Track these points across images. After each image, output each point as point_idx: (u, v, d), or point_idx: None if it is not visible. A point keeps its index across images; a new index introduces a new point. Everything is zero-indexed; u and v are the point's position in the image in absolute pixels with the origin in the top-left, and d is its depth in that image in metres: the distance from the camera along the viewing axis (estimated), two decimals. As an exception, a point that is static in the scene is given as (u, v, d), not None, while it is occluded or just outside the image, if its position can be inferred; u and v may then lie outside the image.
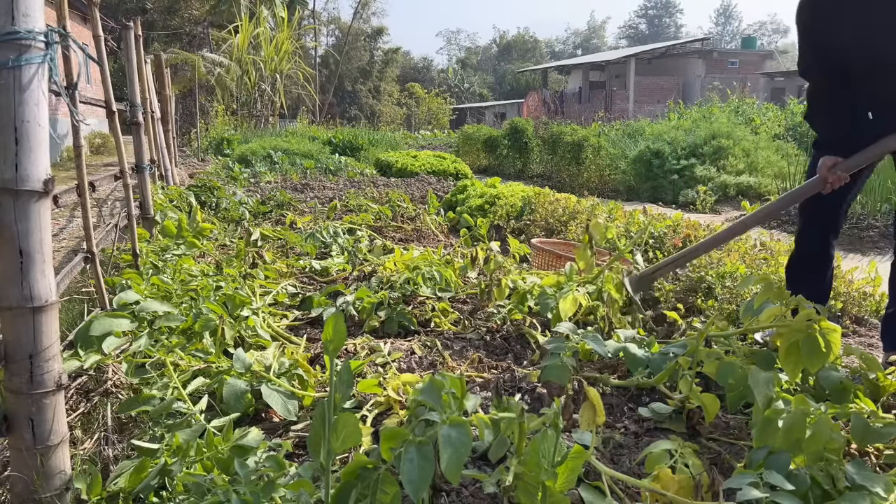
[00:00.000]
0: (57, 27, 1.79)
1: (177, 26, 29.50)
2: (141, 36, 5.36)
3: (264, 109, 26.01)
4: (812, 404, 1.64)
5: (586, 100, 33.51)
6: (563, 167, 12.82)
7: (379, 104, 45.37)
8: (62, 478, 1.58)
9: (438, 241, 5.52)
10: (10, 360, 1.49)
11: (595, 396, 1.60)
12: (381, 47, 48.64)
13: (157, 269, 3.53)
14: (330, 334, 1.36)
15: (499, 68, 71.62)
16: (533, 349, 2.79)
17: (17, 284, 1.45)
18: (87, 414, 2.07)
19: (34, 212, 1.46)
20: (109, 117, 3.50)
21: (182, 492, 1.54)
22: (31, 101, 1.43)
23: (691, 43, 37.24)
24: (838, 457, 1.59)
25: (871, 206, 7.04)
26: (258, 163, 12.72)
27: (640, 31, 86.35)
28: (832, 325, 1.92)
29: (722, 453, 1.89)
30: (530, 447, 1.33)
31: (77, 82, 2.67)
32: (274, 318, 3.13)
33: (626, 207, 5.94)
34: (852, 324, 3.30)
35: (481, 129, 17.98)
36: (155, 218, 4.66)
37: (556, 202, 5.80)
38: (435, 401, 1.36)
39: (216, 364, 2.29)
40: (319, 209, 6.93)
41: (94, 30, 3.54)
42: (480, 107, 49.95)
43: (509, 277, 3.43)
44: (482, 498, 1.64)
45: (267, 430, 2.06)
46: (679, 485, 1.50)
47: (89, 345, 2.26)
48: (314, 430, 1.34)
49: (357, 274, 4.05)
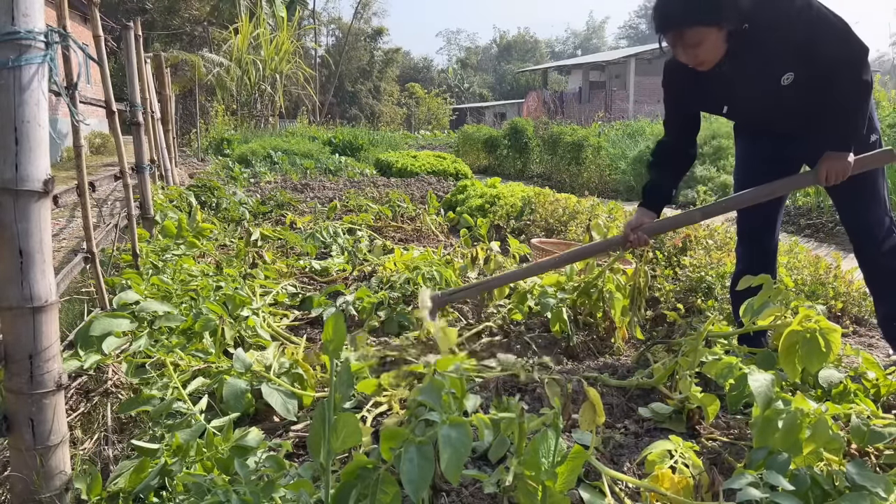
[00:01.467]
0: (57, 27, 1.79)
1: (177, 26, 29.49)
2: (141, 36, 5.36)
3: (264, 109, 26.01)
4: (812, 404, 1.64)
5: (586, 100, 33.49)
6: (563, 167, 12.82)
7: (379, 104, 45.36)
8: (62, 478, 1.58)
9: (438, 241, 5.52)
10: (10, 360, 1.49)
11: (595, 396, 1.60)
12: (381, 47, 48.62)
13: (157, 269, 3.53)
14: (330, 334, 1.36)
15: (499, 68, 71.62)
16: (534, 349, 2.79)
17: (17, 284, 1.45)
18: (87, 414, 2.07)
19: (34, 212, 1.46)
20: (109, 117, 3.50)
21: (182, 492, 1.54)
22: (31, 101, 1.43)
23: (691, 43, 37.12)
24: (838, 457, 1.59)
25: (871, 206, 7.03)
26: (258, 163, 12.73)
27: (640, 31, 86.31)
28: (832, 325, 1.92)
29: (722, 453, 1.90)
30: (530, 447, 1.33)
31: (77, 82, 2.67)
32: (274, 318, 3.13)
33: (626, 207, 5.93)
34: (852, 324, 3.30)
35: (481, 129, 17.98)
36: (155, 218, 4.66)
37: (556, 202, 5.80)
38: (435, 401, 1.36)
39: (216, 364, 2.29)
40: (319, 209, 6.93)
41: (94, 30, 3.54)
42: (480, 107, 49.95)
43: (509, 277, 3.43)
44: (482, 498, 1.64)
45: (267, 430, 2.06)
46: (679, 485, 1.50)
47: (89, 345, 2.26)
48: (314, 430, 1.34)
49: (357, 274, 4.05)
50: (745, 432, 2.02)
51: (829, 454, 1.58)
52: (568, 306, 2.92)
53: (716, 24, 2.06)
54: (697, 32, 2.07)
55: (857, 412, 1.79)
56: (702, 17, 2.05)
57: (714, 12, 2.04)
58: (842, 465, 1.55)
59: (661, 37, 2.18)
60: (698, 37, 2.08)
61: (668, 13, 2.12)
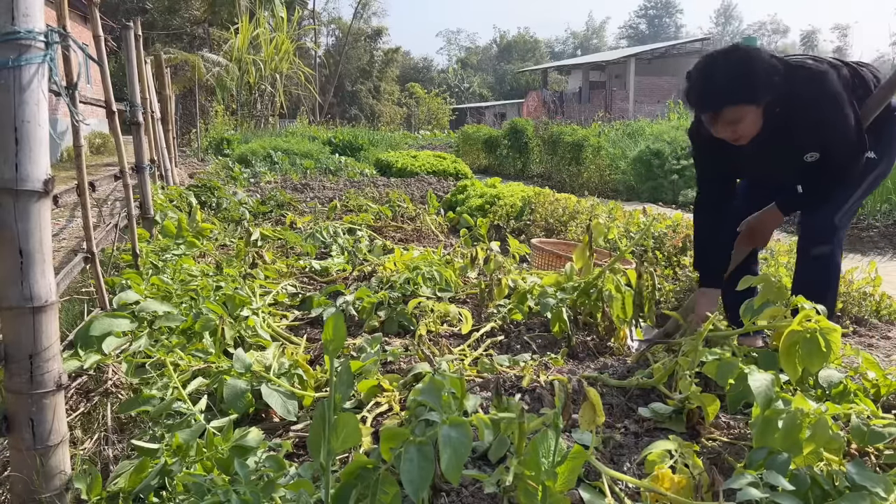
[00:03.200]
0: (57, 27, 1.79)
1: (177, 26, 29.49)
2: (141, 36, 5.36)
3: (264, 109, 26.01)
4: (812, 404, 1.64)
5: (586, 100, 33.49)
6: (563, 167, 12.83)
7: (379, 104, 45.35)
8: (62, 478, 1.58)
9: (438, 241, 5.52)
10: (10, 360, 1.49)
11: (595, 396, 1.60)
12: (381, 47, 48.60)
13: (157, 269, 3.53)
14: (330, 334, 1.36)
15: (499, 68, 71.59)
16: (534, 349, 2.79)
17: (17, 284, 1.45)
18: (87, 414, 2.07)
19: (34, 212, 1.46)
20: (109, 117, 3.50)
21: (182, 492, 1.54)
22: (31, 101, 1.43)
23: (691, 43, 37.21)
24: (838, 457, 1.59)
25: (871, 206, 7.04)
26: (258, 163, 12.73)
27: (640, 32, 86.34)
28: (832, 325, 1.92)
29: (722, 453, 1.89)
30: (530, 447, 1.33)
31: (77, 82, 2.67)
32: (274, 319, 3.12)
33: (626, 207, 5.94)
34: (852, 324, 3.30)
35: (481, 129, 17.99)
36: (155, 218, 4.65)
37: (556, 202, 5.80)
38: (435, 401, 1.36)
39: (216, 364, 2.29)
40: (319, 209, 6.93)
41: (94, 30, 3.54)
42: (480, 107, 49.95)
43: (509, 277, 3.43)
44: (482, 498, 1.64)
45: (267, 430, 2.06)
46: (679, 485, 1.50)
47: (89, 345, 2.26)
48: (314, 430, 1.34)
49: (357, 274, 4.05)
50: (745, 432, 2.02)
51: (829, 454, 1.58)
52: (568, 306, 2.92)
53: (754, 103, 2.07)
54: (737, 110, 2.08)
55: (857, 412, 1.79)
56: (741, 97, 2.06)
57: (752, 91, 2.05)
58: (842, 465, 1.55)
59: (698, 112, 2.19)
60: (737, 114, 2.09)
61: (707, 92, 2.11)
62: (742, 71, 2.05)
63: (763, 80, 2.05)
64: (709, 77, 2.11)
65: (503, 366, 2.49)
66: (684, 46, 35.98)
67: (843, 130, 2.16)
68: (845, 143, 2.18)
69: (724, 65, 2.09)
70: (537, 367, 2.49)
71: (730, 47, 2.17)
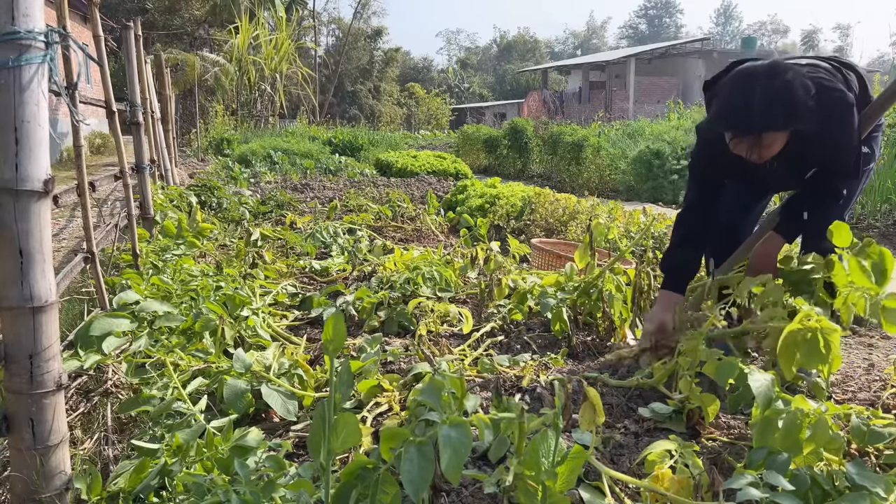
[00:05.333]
0: (57, 27, 1.79)
1: (177, 26, 29.48)
2: (141, 36, 5.36)
3: (264, 109, 26.02)
4: (812, 404, 1.64)
5: (586, 100, 33.50)
6: (563, 167, 12.83)
7: (379, 104, 45.35)
8: (62, 478, 1.58)
9: (438, 241, 5.52)
10: (10, 360, 1.49)
11: (595, 396, 1.60)
12: (381, 47, 48.61)
13: (157, 269, 3.53)
14: (330, 334, 1.36)
15: (499, 68, 71.58)
16: (534, 349, 2.79)
17: (17, 284, 1.45)
18: (87, 414, 2.07)
19: (34, 212, 1.46)
20: (109, 117, 3.50)
21: (182, 492, 1.54)
22: (31, 101, 1.43)
23: (691, 43, 37.21)
24: (838, 457, 1.59)
25: (871, 206, 7.05)
26: (258, 163, 12.74)
27: (640, 32, 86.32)
28: (832, 325, 1.92)
29: (722, 453, 1.89)
30: (530, 447, 1.33)
31: (77, 82, 2.67)
32: (274, 319, 3.12)
33: (626, 207, 5.94)
34: (852, 324, 3.29)
35: (481, 129, 17.98)
36: (155, 218, 4.66)
37: (556, 202, 5.80)
38: (435, 401, 1.36)
39: (216, 364, 2.29)
40: (319, 209, 6.94)
41: (94, 30, 3.54)
42: (480, 107, 49.93)
43: (509, 277, 3.43)
44: (482, 498, 1.64)
45: (267, 430, 2.06)
46: (679, 485, 1.50)
47: (89, 345, 2.26)
48: (314, 430, 1.34)
49: (357, 274, 4.05)
50: (745, 432, 2.02)
51: (829, 454, 1.58)
52: (568, 306, 2.92)
53: (792, 129, 2.06)
54: (775, 135, 2.06)
55: (857, 412, 1.79)
56: (782, 124, 2.03)
57: (794, 119, 2.02)
58: (842, 465, 1.55)
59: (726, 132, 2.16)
60: (773, 138, 2.07)
61: (748, 116, 2.05)
62: (787, 99, 2.00)
63: (803, 106, 2.01)
64: (750, 100, 2.04)
65: (503, 366, 2.49)
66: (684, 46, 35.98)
67: (848, 155, 2.16)
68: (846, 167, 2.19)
69: (767, 90, 2.03)
70: (537, 367, 2.49)
71: (770, 68, 2.08)
